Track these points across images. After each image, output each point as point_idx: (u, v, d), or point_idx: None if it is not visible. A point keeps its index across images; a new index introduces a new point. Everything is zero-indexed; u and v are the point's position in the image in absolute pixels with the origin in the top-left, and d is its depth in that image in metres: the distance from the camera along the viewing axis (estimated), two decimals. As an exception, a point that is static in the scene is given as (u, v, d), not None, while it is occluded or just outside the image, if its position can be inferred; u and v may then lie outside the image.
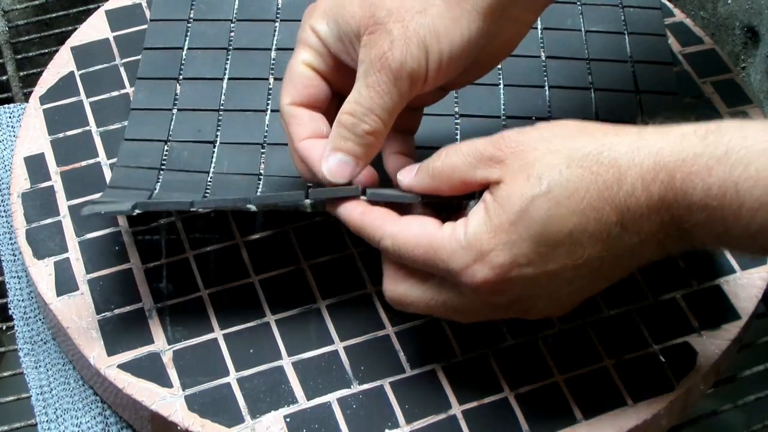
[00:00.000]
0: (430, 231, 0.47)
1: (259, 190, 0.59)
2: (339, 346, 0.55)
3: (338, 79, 0.52)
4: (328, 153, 0.50)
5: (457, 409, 0.53)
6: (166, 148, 0.61)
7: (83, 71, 0.66)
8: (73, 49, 0.68)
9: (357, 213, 0.50)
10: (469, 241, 0.46)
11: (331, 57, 0.52)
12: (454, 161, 0.48)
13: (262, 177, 0.60)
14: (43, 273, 0.57)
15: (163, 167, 0.60)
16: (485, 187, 0.47)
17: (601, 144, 0.45)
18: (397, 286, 0.50)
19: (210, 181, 0.59)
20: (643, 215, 0.44)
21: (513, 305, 0.48)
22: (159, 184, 0.59)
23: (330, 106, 0.53)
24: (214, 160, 0.61)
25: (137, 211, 0.51)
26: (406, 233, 0.48)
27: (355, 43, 0.50)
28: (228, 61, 0.66)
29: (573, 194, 0.44)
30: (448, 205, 0.49)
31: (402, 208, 0.50)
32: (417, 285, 0.49)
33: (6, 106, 0.70)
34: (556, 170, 0.45)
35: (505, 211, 0.45)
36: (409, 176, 0.50)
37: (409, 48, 0.49)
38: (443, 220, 0.48)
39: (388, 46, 0.49)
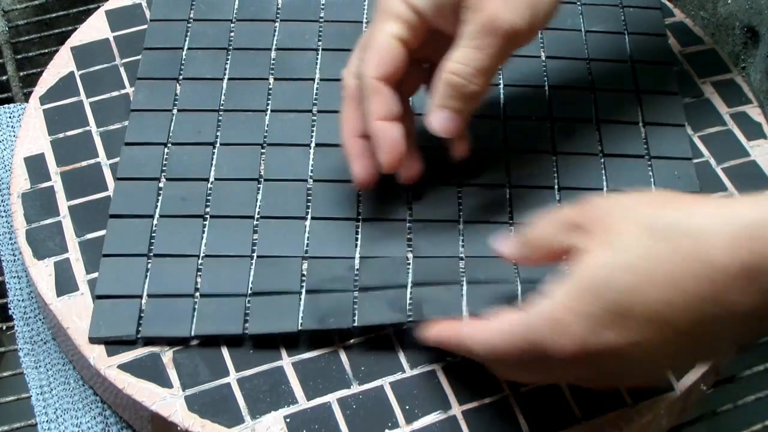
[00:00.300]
0: (511, 321, 0.47)
1: (259, 196, 0.59)
2: (339, 346, 0.55)
3: (421, 48, 0.54)
4: (434, 110, 0.53)
5: (457, 409, 0.53)
6: (166, 152, 0.61)
7: (83, 71, 0.67)
8: (73, 49, 0.68)
9: (445, 333, 0.51)
10: (550, 314, 0.45)
11: (421, 26, 0.52)
12: (543, 229, 0.48)
13: (262, 181, 0.60)
14: (43, 273, 0.57)
15: (163, 174, 0.60)
16: (571, 254, 0.46)
17: (683, 214, 0.44)
18: (509, 375, 0.50)
19: (210, 192, 0.59)
20: (731, 287, 0.42)
21: (604, 375, 0.47)
22: (158, 207, 0.59)
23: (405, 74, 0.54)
24: (213, 164, 0.61)
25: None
26: (488, 336, 0.48)
27: (455, 8, 0.51)
28: (228, 61, 0.66)
29: (653, 265, 0.43)
30: None
31: None
32: (525, 371, 0.49)
33: (6, 106, 0.71)
34: (638, 241, 0.44)
35: (585, 281, 0.44)
36: (506, 245, 0.51)
37: (518, 8, 0.50)
38: None
39: (499, 8, 0.50)
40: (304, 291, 0.55)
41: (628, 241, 0.44)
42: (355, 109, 0.55)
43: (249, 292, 0.55)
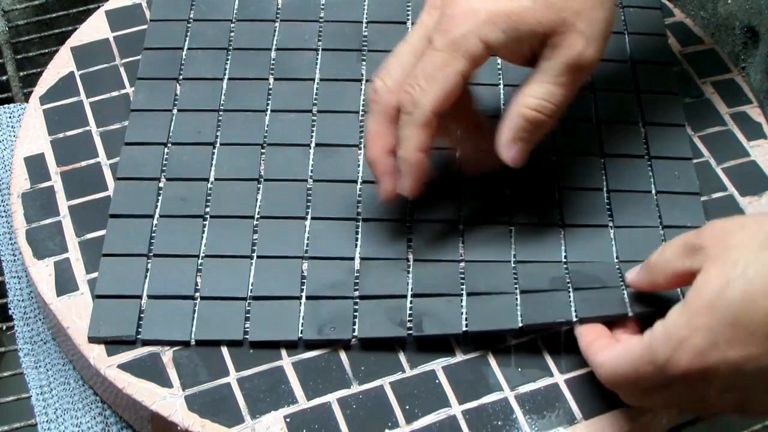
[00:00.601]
0: (631, 344, 0.48)
1: (259, 196, 0.59)
2: (339, 346, 0.55)
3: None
4: (508, 143, 0.54)
5: (457, 409, 0.53)
6: (166, 152, 0.61)
7: (83, 71, 0.67)
8: (73, 49, 0.68)
9: (585, 342, 0.52)
10: (667, 331, 0.46)
11: (483, 61, 0.53)
12: (666, 254, 0.49)
13: (261, 181, 0.60)
14: (43, 273, 0.57)
15: (163, 174, 0.60)
16: (694, 276, 0.47)
17: None
18: (633, 401, 0.50)
19: (210, 192, 0.59)
20: None
21: (725, 395, 0.47)
22: (158, 207, 0.59)
23: None
24: (213, 164, 0.61)
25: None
26: (609, 357, 0.49)
27: (535, 46, 0.53)
28: (228, 61, 0.66)
29: None
30: None
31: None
32: (647, 396, 0.49)
33: (6, 106, 0.71)
34: (753, 253, 0.44)
35: (701, 295, 0.45)
36: (633, 275, 0.52)
37: (598, 42, 0.52)
38: None
39: (584, 46, 0.52)
40: (304, 297, 0.55)
41: (745, 255, 0.44)
42: (388, 126, 0.54)
43: (249, 295, 0.55)
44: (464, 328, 0.54)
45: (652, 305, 0.53)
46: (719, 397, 0.47)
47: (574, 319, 0.54)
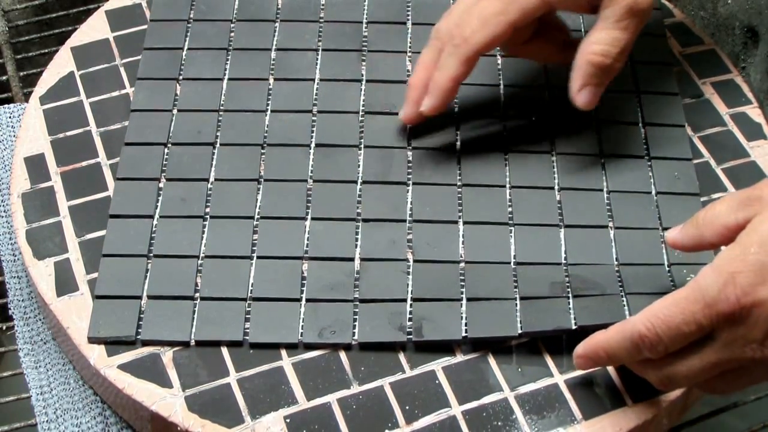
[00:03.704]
0: (675, 291, 0.47)
1: (259, 196, 0.59)
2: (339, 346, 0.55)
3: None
4: (579, 89, 0.58)
5: (457, 410, 0.53)
6: (166, 152, 0.61)
7: (83, 71, 0.67)
8: (73, 49, 0.68)
9: (602, 333, 0.51)
10: (716, 268, 0.46)
11: (537, 14, 0.57)
12: (717, 209, 0.49)
13: (261, 181, 0.60)
14: (43, 273, 0.57)
15: (163, 174, 0.60)
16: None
17: None
18: (673, 374, 0.49)
19: (210, 193, 0.59)
20: None
21: None
22: (158, 207, 0.59)
23: None
24: (213, 164, 0.61)
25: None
26: (651, 307, 0.48)
27: None
28: (228, 61, 0.66)
29: None
30: None
31: None
32: (689, 362, 0.48)
33: (6, 106, 0.71)
34: None
35: (756, 233, 0.46)
36: (676, 231, 0.51)
37: None
38: None
39: None
40: (304, 299, 0.55)
41: None
42: (437, 59, 0.59)
43: (249, 296, 0.55)
44: (464, 334, 0.54)
45: None
46: (764, 342, 0.46)
47: (573, 327, 0.54)
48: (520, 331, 0.54)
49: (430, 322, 0.55)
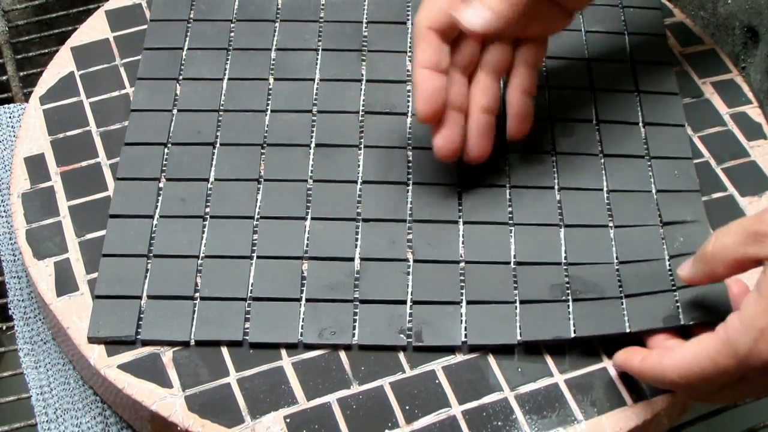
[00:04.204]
0: (705, 341, 0.47)
1: (259, 196, 0.59)
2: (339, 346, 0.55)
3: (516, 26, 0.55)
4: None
5: (457, 409, 0.53)
6: (166, 152, 0.61)
7: (83, 71, 0.67)
8: (73, 49, 0.68)
9: (637, 361, 0.51)
10: (745, 324, 0.45)
11: None
12: (724, 242, 0.48)
13: (262, 181, 0.60)
14: (43, 273, 0.57)
15: (163, 174, 0.60)
16: (759, 264, 0.46)
17: None
18: (706, 401, 0.50)
19: (210, 193, 0.59)
20: None
21: None
22: (158, 207, 0.59)
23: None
24: (213, 164, 0.61)
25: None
26: (682, 358, 0.48)
27: None
28: (228, 61, 0.66)
29: None
30: None
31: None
32: (722, 395, 0.49)
33: (6, 106, 0.71)
34: None
35: None
36: (687, 268, 0.51)
37: None
38: None
39: None
40: (304, 299, 0.55)
41: None
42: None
43: (249, 296, 0.55)
44: (463, 339, 0.54)
45: (650, 323, 0.53)
46: None
47: (572, 336, 0.54)
48: (519, 339, 0.54)
49: (429, 327, 0.55)
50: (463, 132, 0.57)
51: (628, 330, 0.54)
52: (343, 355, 0.55)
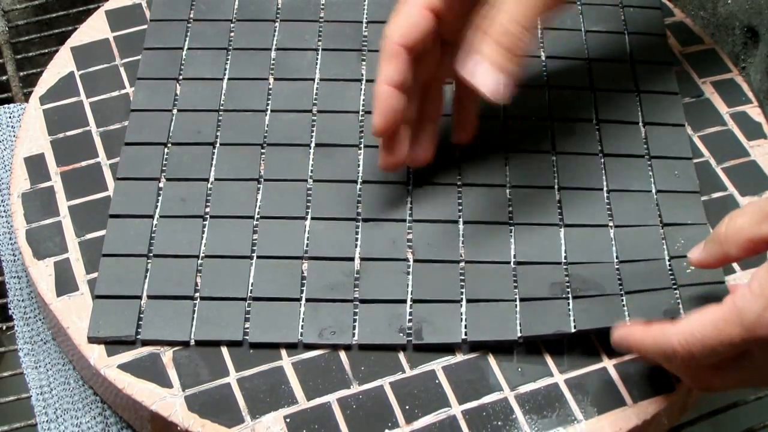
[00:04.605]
0: (712, 310, 0.47)
1: (259, 196, 0.59)
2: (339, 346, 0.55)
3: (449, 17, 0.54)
4: (482, 62, 0.51)
5: (457, 409, 0.53)
6: (166, 152, 0.61)
7: (83, 71, 0.67)
8: (73, 49, 0.68)
9: (639, 329, 0.50)
10: (755, 293, 0.45)
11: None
12: (739, 223, 0.48)
13: (262, 181, 0.60)
14: (43, 273, 0.57)
15: (163, 174, 0.60)
16: None
17: None
18: (708, 384, 0.49)
19: (210, 193, 0.59)
20: None
21: None
22: (158, 207, 0.59)
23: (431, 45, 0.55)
24: (213, 164, 0.61)
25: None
26: (687, 323, 0.47)
27: None
28: (228, 61, 0.66)
29: None
30: None
31: None
32: (723, 374, 0.48)
33: (6, 106, 0.71)
34: None
35: None
36: (698, 251, 0.51)
37: None
38: None
39: None
40: (304, 299, 0.55)
41: None
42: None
43: (249, 296, 0.55)
44: (463, 337, 0.54)
45: (650, 316, 0.53)
46: None
47: (573, 330, 0.54)
48: (519, 335, 0.54)
49: (429, 325, 0.55)
50: (407, 144, 0.57)
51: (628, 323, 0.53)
52: (343, 355, 0.55)
